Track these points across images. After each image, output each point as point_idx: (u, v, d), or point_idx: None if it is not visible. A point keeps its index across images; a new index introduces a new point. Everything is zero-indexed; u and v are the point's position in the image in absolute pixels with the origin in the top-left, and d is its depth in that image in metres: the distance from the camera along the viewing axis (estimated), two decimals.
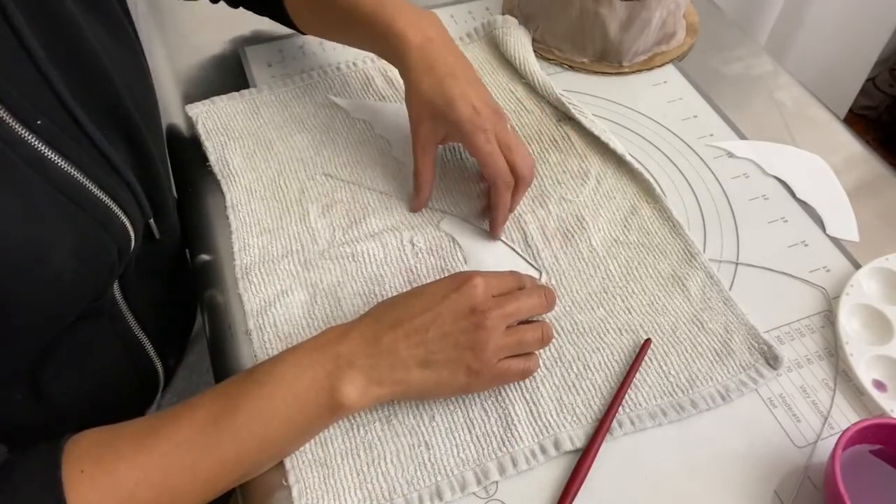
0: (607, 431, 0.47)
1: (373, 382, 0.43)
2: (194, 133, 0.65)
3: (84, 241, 0.42)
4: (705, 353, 0.51)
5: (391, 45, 0.56)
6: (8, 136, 0.37)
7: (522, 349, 0.47)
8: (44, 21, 0.39)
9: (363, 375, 0.43)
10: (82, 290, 0.44)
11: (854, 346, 0.51)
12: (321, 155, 0.63)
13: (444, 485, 0.45)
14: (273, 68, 0.72)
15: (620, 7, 0.68)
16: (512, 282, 0.48)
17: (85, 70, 0.43)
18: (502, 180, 0.54)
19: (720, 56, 0.76)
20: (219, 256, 0.57)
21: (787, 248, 0.58)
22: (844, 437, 0.42)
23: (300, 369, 0.43)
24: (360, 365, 0.43)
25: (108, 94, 0.45)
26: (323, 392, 0.42)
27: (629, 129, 0.68)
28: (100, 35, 0.45)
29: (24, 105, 0.37)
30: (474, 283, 0.45)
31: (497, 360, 0.45)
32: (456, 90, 0.53)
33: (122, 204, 0.45)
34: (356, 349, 0.44)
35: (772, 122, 0.69)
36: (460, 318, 0.44)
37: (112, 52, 0.46)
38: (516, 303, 0.46)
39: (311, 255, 0.56)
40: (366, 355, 0.43)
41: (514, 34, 0.73)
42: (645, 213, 0.60)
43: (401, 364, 0.44)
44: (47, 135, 0.39)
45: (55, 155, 0.39)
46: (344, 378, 0.43)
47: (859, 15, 1.35)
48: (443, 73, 0.54)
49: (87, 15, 0.44)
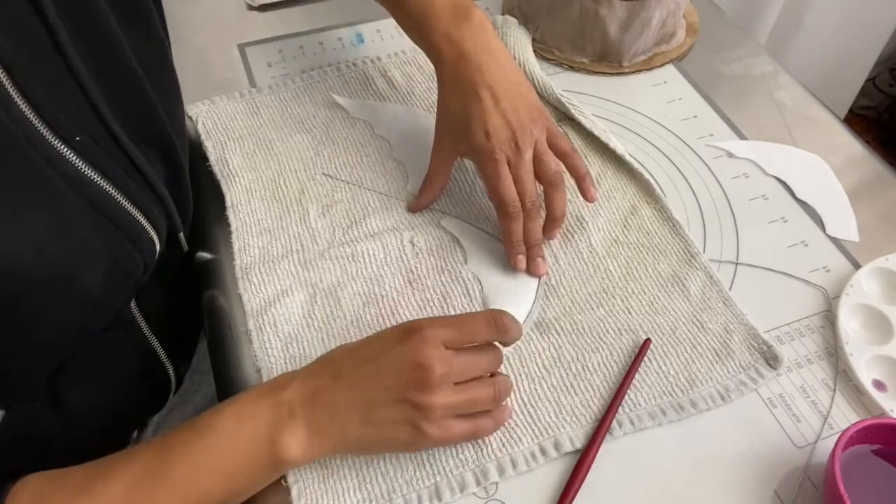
0: (607, 432, 0.47)
1: (314, 434, 0.41)
2: (194, 133, 0.65)
3: (114, 255, 0.41)
4: (705, 354, 0.51)
5: (427, 53, 0.57)
6: (47, 153, 0.36)
7: (473, 408, 0.43)
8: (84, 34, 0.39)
9: (304, 426, 0.41)
10: (108, 304, 0.44)
11: (854, 346, 0.51)
12: (321, 155, 0.63)
13: (444, 485, 0.45)
14: (273, 68, 0.72)
15: (620, 7, 0.68)
16: (466, 333, 0.43)
17: (124, 84, 0.42)
18: (504, 209, 0.53)
19: (720, 56, 0.76)
20: (219, 257, 0.57)
21: (787, 248, 0.58)
22: (844, 437, 0.42)
23: (240, 420, 0.41)
24: (300, 415, 0.41)
25: (144, 109, 0.45)
26: (264, 446, 0.40)
27: (629, 129, 0.68)
28: (136, 43, 0.44)
29: (64, 121, 0.37)
30: (422, 336, 0.41)
31: (444, 419, 0.42)
32: (475, 113, 0.53)
33: (151, 218, 0.44)
34: (296, 398, 0.41)
35: (772, 122, 0.69)
36: (404, 372, 0.41)
37: (148, 64, 0.45)
38: (467, 359, 0.42)
39: (311, 255, 0.56)
40: (305, 405, 0.41)
41: (514, 34, 0.73)
42: (645, 213, 0.59)
43: (339, 419, 0.41)
44: (85, 151, 0.38)
45: (92, 171, 0.39)
46: (286, 429, 0.40)
47: (859, 15, 1.35)
48: (468, 92, 0.54)
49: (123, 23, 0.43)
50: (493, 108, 0.53)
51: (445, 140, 0.57)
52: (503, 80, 0.54)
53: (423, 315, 0.53)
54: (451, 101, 0.55)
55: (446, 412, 0.42)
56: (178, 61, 0.71)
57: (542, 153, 0.54)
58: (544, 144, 0.55)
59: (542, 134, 0.55)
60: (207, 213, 0.60)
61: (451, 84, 0.55)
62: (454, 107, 0.55)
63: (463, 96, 0.54)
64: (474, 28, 0.55)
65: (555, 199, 0.55)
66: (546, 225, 0.56)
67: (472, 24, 0.55)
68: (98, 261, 0.40)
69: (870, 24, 1.38)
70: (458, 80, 0.54)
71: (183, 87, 0.50)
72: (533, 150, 0.54)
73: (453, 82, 0.55)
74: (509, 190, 0.53)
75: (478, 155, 0.54)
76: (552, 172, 0.54)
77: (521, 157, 0.53)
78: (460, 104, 0.54)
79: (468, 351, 0.43)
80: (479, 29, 0.56)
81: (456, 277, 0.55)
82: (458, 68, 0.54)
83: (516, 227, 0.54)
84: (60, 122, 0.37)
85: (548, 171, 0.54)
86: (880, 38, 1.41)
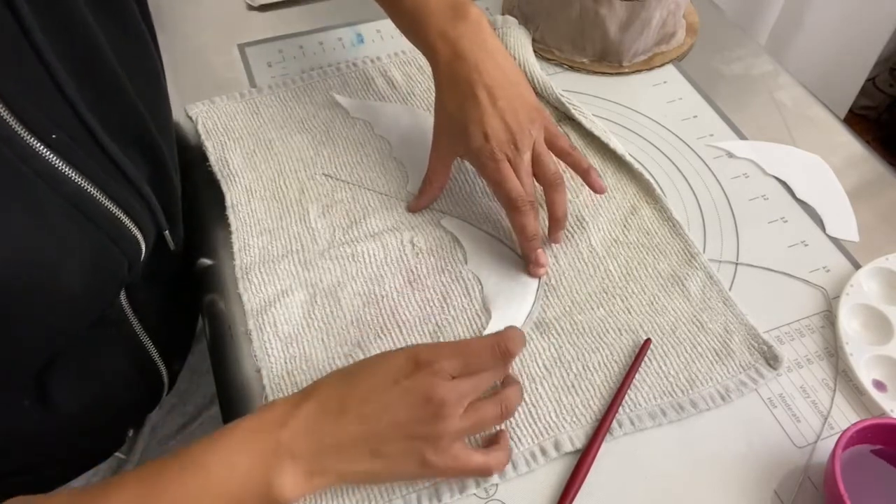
0: (607, 432, 0.47)
1: (316, 474, 0.40)
2: (194, 133, 0.65)
3: (95, 254, 0.41)
4: (705, 354, 0.51)
5: (423, 52, 0.57)
6: (22, 150, 0.36)
7: (483, 429, 0.44)
8: (60, 30, 0.38)
9: (305, 467, 0.39)
10: (91, 303, 0.43)
11: (854, 346, 0.51)
12: (321, 155, 0.63)
13: (443, 486, 0.44)
14: (273, 68, 0.72)
15: (620, 7, 0.68)
16: (473, 365, 0.43)
17: (101, 81, 0.42)
18: (514, 206, 0.52)
19: (720, 56, 0.76)
20: (219, 260, 0.57)
21: (787, 248, 0.58)
22: (844, 437, 0.42)
23: (234, 458, 0.39)
24: (301, 455, 0.39)
25: (123, 105, 0.44)
26: (260, 486, 0.39)
27: (629, 129, 0.68)
28: (114, 39, 0.43)
29: (39, 118, 0.36)
30: (433, 371, 0.41)
31: (453, 445, 0.41)
32: (473, 114, 0.52)
33: (134, 217, 0.44)
34: (298, 438, 0.40)
35: (772, 122, 0.69)
36: (415, 407, 0.40)
37: (127, 58, 0.44)
38: (474, 381, 0.42)
39: (311, 255, 0.56)
40: (309, 449, 0.39)
41: (514, 34, 0.73)
42: (645, 213, 0.59)
43: (347, 456, 0.40)
44: (61, 148, 0.38)
45: (69, 168, 0.38)
46: (284, 472, 0.39)
47: (859, 15, 1.35)
48: (465, 93, 0.53)
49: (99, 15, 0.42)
50: (490, 109, 0.52)
51: (444, 141, 0.56)
52: (501, 80, 0.54)
53: (423, 315, 0.53)
54: (448, 102, 0.54)
55: (457, 438, 0.41)
56: (178, 61, 0.71)
57: (540, 153, 0.54)
58: (543, 145, 0.54)
59: (541, 134, 0.55)
60: (207, 215, 0.60)
61: (448, 84, 0.54)
62: (451, 108, 0.54)
63: (460, 97, 0.53)
64: (471, 26, 0.55)
65: (555, 199, 0.54)
66: (549, 227, 0.56)
67: (468, 22, 0.55)
68: (78, 259, 0.39)
69: (870, 24, 1.38)
70: (454, 80, 0.54)
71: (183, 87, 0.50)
72: (531, 150, 0.54)
73: (450, 82, 0.54)
74: (515, 186, 0.52)
75: (478, 157, 0.53)
76: (552, 173, 0.54)
77: (520, 158, 0.53)
78: (458, 105, 0.54)
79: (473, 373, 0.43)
80: (476, 27, 0.55)
81: (456, 277, 0.55)
82: (454, 68, 0.54)
83: (529, 221, 0.52)
84: (35, 119, 0.36)
85: (547, 171, 0.54)
86: (880, 38, 1.41)
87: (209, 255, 0.58)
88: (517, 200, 0.52)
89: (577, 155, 0.56)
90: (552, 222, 0.55)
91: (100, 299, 0.44)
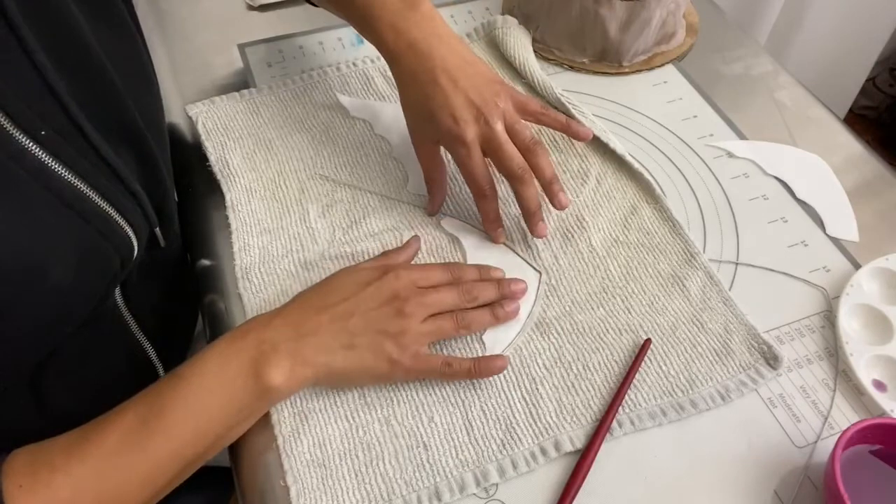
0: (607, 432, 0.47)
1: (298, 364, 0.44)
2: (194, 133, 0.65)
3: (85, 251, 0.41)
4: (705, 354, 0.51)
5: (376, 46, 0.57)
6: (10, 147, 0.36)
7: (441, 336, 0.49)
8: (48, 28, 0.39)
9: (288, 358, 0.44)
10: (82, 300, 0.43)
11: (854, 346, 0.51)
12: (321, 155, 0.63)
13: (443, 486, 0.45)
14: (273, 68, 0.72)
15: (620, 7, 0.68)
16: (439, 275, 0.50)
17: (90, 78, 0.42)
18: (479, 190, 0.54)
19: (720, 56, 0.76)
20: (219, 260, 0.57)
21: (787, 248, 0.58)
22: (844, 437, 0.42)
23: (224, 359, 0.44)
24: (284, 348, 0.44)
25: (113, 102, 0.44)
26: (250, 378, 0.43)
27: (629, 129, 0.68)
28: (104, 37, 0.44)
29: (28, 115, 0.37)
30: (397, 273, 0.48)
31: (417, 347, 0.47)
32: (438, 100, 0.52)
33: (125, 214, 0.44)
34: (280, 334, 0.45)
35: (772, 122, 0.69)
36: (382, 304, 0.47)
37: (117, 56, 0.45)
38: (436, 294, 0.49)
39: (311, 255, 0.56)
40: (290, 339, 0.45)
41: (514, 34, 0.73)
42: (645, 213, 0.59)
43: (324, 346, 0.45)
44: (51, 145, 0.38)
45: (58, 165, 0.39)
46: (269, 362, 0.43)
47: (859, 15, 1.35)
48: (425, 80, 0.53)
49: (89, 16, 0.43)
50: (453, 90, 0.53)
51: (418, 134, 0.56)
52: (457, 61, 0.54)
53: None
54: (411, 94, 0.54)
55: (419, 340, 0.47)
56: (178, 61, 0.71)
57: (512, 123, 0.54)
58: (513, 114, 0.54)
59: (508, 103, 0.54)
60: (208, 215, 0.60)
61: (408, 76, 0.54)
62: (416, 98, 0.54)
63: (421, 86, 0.53)
64: (422, 17, 0.55)
65: (539, 165, 0.54)
66: (528, 223, 0.56)
67: (418, 12, 0.55)
68: (67, 255, 0.40)
69: (870, 24, 1.38)
70: (413, 72, 0.54)
71: (183, 87, 0.50)
72: (503, 121, 0.54)
73: (409, 74, 0.54)
74: (480, 168, 0.53)
75: (449, 141, 0.53)
76: (528, 139, 0.54)
77: (492, 130, 0.53)
78: (421, 95, 0.53)
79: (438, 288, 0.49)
80: (427, 17, 0.55)
81: None
82: (409, 60, 0.54)
83: (490, 205, 0.55)
84: (25, 116, 0.36)
85: (523, 138, 0.54)
86: (880, 38, 1.41)
87: (209, 255, 0.58)
88: (480, 182, 0.54)
89: (552, 112, 0.57)
90: (528, 217, 0.55)
91: (92, 295, 0.44)
